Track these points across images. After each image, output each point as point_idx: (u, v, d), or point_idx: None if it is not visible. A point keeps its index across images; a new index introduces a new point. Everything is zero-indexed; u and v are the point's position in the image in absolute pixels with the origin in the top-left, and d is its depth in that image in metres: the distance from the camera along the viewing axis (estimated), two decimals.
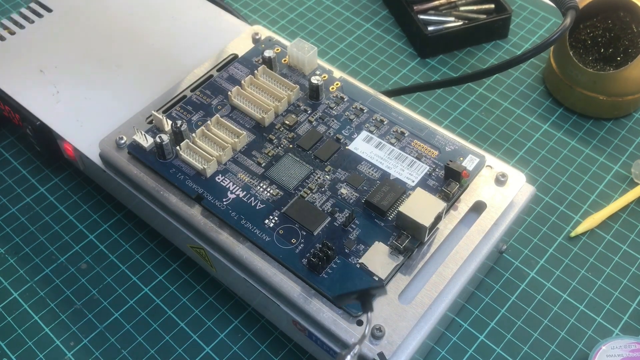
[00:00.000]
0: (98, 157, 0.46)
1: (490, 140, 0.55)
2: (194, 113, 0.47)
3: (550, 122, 0.56)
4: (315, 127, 0.46)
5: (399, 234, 0.40)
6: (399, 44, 0.63)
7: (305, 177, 0.43)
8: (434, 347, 0.44)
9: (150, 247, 0.49)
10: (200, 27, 0.55)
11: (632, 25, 0.54)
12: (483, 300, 0.46)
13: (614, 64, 0.54)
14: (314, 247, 0.40)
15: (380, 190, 0.42)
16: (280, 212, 0.41)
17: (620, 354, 0.41)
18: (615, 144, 0.55)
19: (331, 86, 0.48)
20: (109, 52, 0.53)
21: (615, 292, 0.46)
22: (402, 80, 0.60)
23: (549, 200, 0.51)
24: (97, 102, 0.50)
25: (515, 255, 0.48)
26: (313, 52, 0.49)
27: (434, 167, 0.44)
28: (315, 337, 0.39)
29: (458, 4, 0.62)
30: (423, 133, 0.45)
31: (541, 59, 0.61)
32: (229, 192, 0.42)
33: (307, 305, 0.38)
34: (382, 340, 0.37)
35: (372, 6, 0.67)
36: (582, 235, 0.49)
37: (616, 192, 0.52)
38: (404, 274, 0.39)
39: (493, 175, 0.44)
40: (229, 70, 0.50)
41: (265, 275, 0.39)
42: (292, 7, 0.66)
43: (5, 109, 0.52)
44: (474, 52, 0.62)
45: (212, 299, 0.46)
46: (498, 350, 0.44)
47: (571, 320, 0.45)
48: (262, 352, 0.44)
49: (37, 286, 0.47)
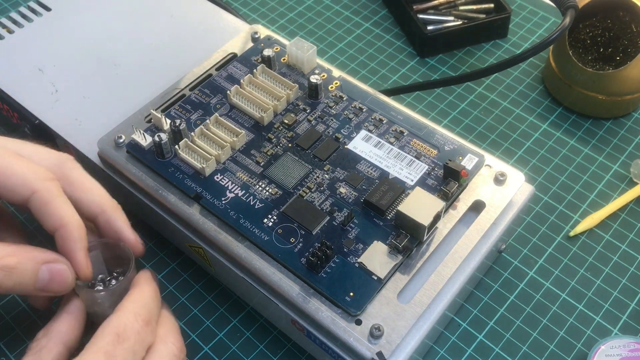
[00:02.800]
0: (97, 156, 0.46)
1: (489, 140, 0.55)
2: (192, 112, 0.47)
3: (550, 122, 0.56)
4: (314, 126, 0.46)
5: (398, 233, 0.40)
6: (398, 43, 0.63)
7: (304, 176, 0.43)
8: (433, 347, 0.44)
9: (148, 246, 0.49)
10: (199, 26, 0.55)
11: (631, 24, 0.54)
12: (482, 299, 0.46)
13: (613, 63, 0.54)
14: (313, 246, 0.40)
15: (379, 190, 0.42)
16: (279, 211, 0.41)
17: (619, 354, 0.41)
18: (614, 144, 0.55)
19: (330, 85, 0.48)
20: (107, 51, 0.53)
21: (615, 291, 0.46)
22: (402, 80, 0.60)
23: (548, 199, 0.51)
24: (96, 101, 0.50)
25: (514, 255, 0.48)
26: (312, 51, 0.49)
27: (433, 166, 0.43)
28: (314, 337, 0.39)
29: (457, 4, 0.62)
30: (422, 132, 0.45)
31: (540, 58, 0.61)
32: (228, 191, 0.42)
33: (306, 305, 0.38)
34: (380, 339, 0.37)
35: (372, 5, 0.67)
36: (581, 235, 0.49)
37: (615, 191, 0.52)
38: (403, 274, 0.39)
39: (492, 175, 0.43)
40: (228, 69, 0.50)
41: (264, 275, 0.39)
42: (291, 6, 0.66)
43: (4, 107, 0.52)
44: (474, 52, 0.62)
45: (210, 298, 0.46)
46: (497, 349, 0.44)
47: (570, 319, 0.45)
48: (261, 352, 0.44)
49: None
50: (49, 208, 0.35)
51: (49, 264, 0.35)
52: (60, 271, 0.35)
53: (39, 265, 0.35)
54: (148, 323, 0.34)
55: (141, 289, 0.36)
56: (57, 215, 0.35)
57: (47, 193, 0.35)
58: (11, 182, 0.35)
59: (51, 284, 0.35)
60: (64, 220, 0.35)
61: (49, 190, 0.35)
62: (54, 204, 0.35)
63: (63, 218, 0.35)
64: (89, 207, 0.38)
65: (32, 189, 0.35)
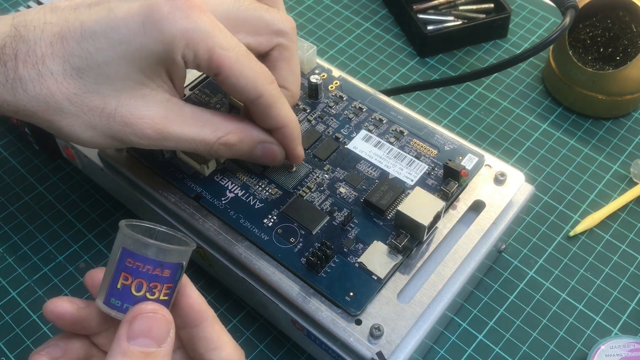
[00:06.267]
0: (97, 156, 0.46)
1: (489, 140, 0.55)
2: None
3: (550, 122, 0.56)
4: (314, 126, 0.46)
5: (398, 233, 0.40)
6: (398, 43, 0.63)
7: (304, 176, 0.43)
8: (433, 347, 0.44)
9: None
10: None
11: (631, 24, 0.54)
12: (482, 299, 0.46)
13: (613, 63, 0.54)
14: (313, 246, 0.40)
15: (379, 189, 0.42)
16: (279, 211, 0.41)
17: (619, 354, 0.41)
18: (614, 144, 0.55)
19: (330, 85, 0.48)
20: None
21: (614, 291, 0.46)
22: (402, 80, 0.60)
23: (548, 199, 0.51)
24: None
25: (514, 255, 0.48)
26: (312, 51, 0.48)
27: (433, 166, 0.43)
28: (314, 337, 0.39)
29: (457, 4, 0.62)
30: (422, 132, 0.45)
31: (540, 58, 0.61)
32: (228, 191, 0.42)
33: (305, 305, 0.38)
34: (380, 339, 0.37)
35: (372, 5, 0.67)
36: (581, 235, 0.49)
37: (615, 191, 0.52)
38: (403, 273, 0.39)
39: (492, 175, 0.43)
40: None
41: (264, 275, 0.39)
42: (291, 6, 0.66)
43: None
44: (473, 52, 0.62)
45: (210, 298, 0.46)
46: (497, 349, 0.44)
47: (570, 319, 0.45)
48: (261, 352, 0.44)
49: (36, 285, 0.47)
50: (272, 110, 0.39)
51: (264, 144, 0.40)
52: (272, 150, 0.41)
53: (256, 144, 0.40)
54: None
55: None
56: (280, 117, 0.39)
57: (271, 98, 0.38)
58: (241, 85, 0.37)
59: (263, 158, 0.41)
60: (285, 121, 0.39)
61: (273, 94, 0.38)
62: (277, 106, 0.39)
63: (284, 118, 0.39)
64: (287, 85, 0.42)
65: (258, 93, 0.37)
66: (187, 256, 0.31)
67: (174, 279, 0.31)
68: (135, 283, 0.30)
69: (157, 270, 0.30)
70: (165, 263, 0.30)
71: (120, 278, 0.30)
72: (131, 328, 0.29)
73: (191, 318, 0.32)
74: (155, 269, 0.30)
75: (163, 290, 0.30)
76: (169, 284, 0.31)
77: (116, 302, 0.30)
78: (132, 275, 0.30)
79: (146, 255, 0.30)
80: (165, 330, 0.30)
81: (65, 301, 0.32)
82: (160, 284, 0.30)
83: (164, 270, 0.30)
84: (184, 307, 0.32)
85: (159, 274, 0.30)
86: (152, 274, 0.30)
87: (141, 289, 0.30)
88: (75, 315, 0.32)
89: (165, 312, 0.30)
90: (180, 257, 0.31)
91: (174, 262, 0.30)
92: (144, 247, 0.30)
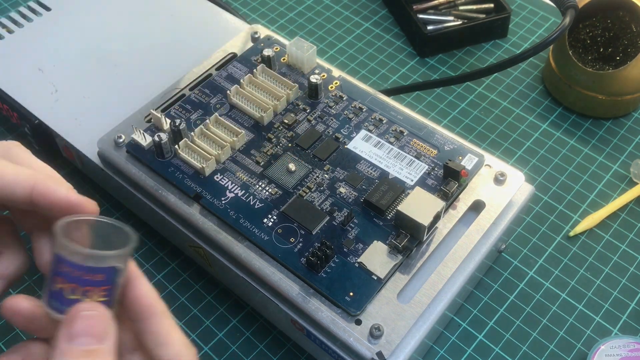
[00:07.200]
0: (96, 156, 0.46)
1: (489, 140, 0.55)
2: (192, 112, 0.47)
3: (550, 122, 0.56)
4: (314, 126, 0.46)
5: (398, 233, 0.40)
6: (398, 43, 0.63)
7: (304, 176, 0.43)
8: (433, 347, 0.44)
9: (148, 246, 0.49)
10: (199, 26, 0.55)
11: (631, 24, 0.54)
12: (482, 299, 0.46)
13: (613, 63, 0.54)
14: (313, 246, 0.40)
15: (379, 189, 0.42)
16: (279, 211, 0.41)
17: (619, 354, 0.41)
18: (614, 144, 0.55)
19: (330, 85, 0.48)
20: (107, 51, 0.53)
21: (614, 291, 0.46)
22: (401, 79, 0.60)
23: (548, 199, 0.51)
24: (96, 101, 0.50)
25: (514, 255, 0.48)
26: (312, 51, 0.48)
27: (432, 166, 0.43)
28: (314, 337, 0.39)
29: (457, 4, 0.62)
30: (422, 132, 0.45)
31: (540, 58, 0.61)
32: (228, 191, 0.42)
33: (305, 305, 0.38)
34: (380, 339, 0.36)
35: (372, 5, 0.67)
36: (581, 235, 0.49)
37: (615, 191, 0.52)
38: (403, 273, 0.39)
39: (492, 175, 0.43)
40: (227, 69, 0.50)
41: (264, 275, 0.39)
42: (291, 5, 0.66)
43: (4, 107, 0.52)
44: (473, 52, 0.62)
45: (210, 298, 0.46)
46: (497, 349, 0.44)
47: (570, 319, 0.45)
48: (261, 351, 0.44)
49: (36, 285, 0.47)
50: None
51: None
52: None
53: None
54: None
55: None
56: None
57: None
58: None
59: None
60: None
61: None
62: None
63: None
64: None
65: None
66: (122, 259, 0.30)
67: (110, 281, 0.30)
68: (69, 287, 0.29)
69: (88, 275, 0.29)
70: (96, 268, 0.29)
71: (56, 282, 0.29)
72: (70, 328, 0.29)
73: (139, 311, 0.31)
74: (87, 274, 0.29)
75: (99, 292, 0.30)
76: (104, 287, 0.30)
77: (56, 304, 0.30)
78: (67, 280, 0.29)
79: (75, 262, 0.29)
80: (105, 327, 0.29)
81: (22, 299, 0.32)
82: (95, 287, 0.29)
83: (95, 275, 0.29)
84: (131, 300, 0.31)
85: (91, 279, 0.29)
86: (84, 279, 0.29)
87: (75, 292, 0.29)
88: (30, 313, 0.32)
89: (103, 310, 0.29)
90: (114, 260, 0.30)
91: (105, 267, 0.29)
92: (71, 254, 0.29)
